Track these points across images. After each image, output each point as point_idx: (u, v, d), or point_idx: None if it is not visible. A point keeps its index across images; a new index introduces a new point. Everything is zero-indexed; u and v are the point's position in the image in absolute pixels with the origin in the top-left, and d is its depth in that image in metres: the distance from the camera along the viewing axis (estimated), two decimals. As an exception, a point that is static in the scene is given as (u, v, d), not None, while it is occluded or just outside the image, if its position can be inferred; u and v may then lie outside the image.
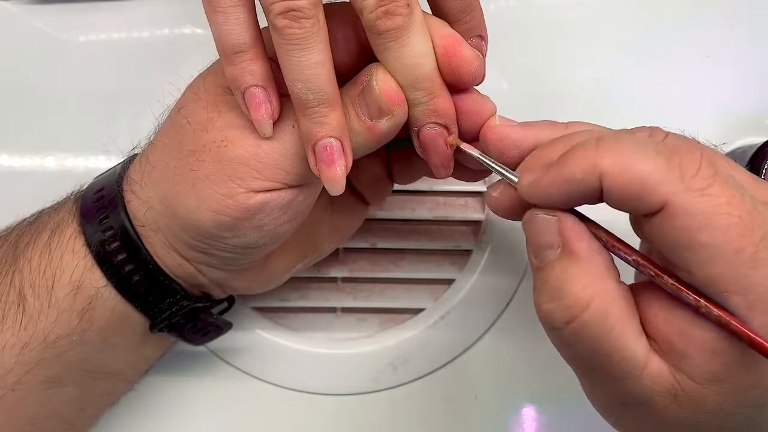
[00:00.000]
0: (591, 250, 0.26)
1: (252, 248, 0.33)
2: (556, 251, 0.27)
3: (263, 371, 0.42)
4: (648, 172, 0.24)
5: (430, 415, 0.42)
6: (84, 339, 0.33)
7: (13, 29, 0.45)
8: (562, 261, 0.26)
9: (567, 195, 0.26)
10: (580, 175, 0.25)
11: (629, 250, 0.27)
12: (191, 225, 0.31)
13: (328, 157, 0.29)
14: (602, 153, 0.25)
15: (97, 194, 0.34)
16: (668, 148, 0.25)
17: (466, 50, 0.30)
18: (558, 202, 0.27)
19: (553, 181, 0.26)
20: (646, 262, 0.26)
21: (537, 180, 0.27)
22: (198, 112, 0.31)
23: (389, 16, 0.28)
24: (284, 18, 0.27)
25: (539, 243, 0.27)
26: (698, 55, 0.43)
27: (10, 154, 0.44)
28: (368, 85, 0.29)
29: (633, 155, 0.24)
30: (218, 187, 0.30)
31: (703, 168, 0.24)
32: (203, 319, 0.37)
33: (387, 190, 0.38)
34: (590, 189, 0.25)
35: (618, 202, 0.25)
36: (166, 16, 0.45)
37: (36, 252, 0.33)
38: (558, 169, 0.26)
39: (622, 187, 0.24)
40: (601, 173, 0.25)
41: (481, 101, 0.31)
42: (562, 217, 0.27)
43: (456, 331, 0.42)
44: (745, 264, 0.23)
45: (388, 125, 0.30)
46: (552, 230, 0.27)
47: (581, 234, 0.27)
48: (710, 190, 0.24)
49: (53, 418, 0.35)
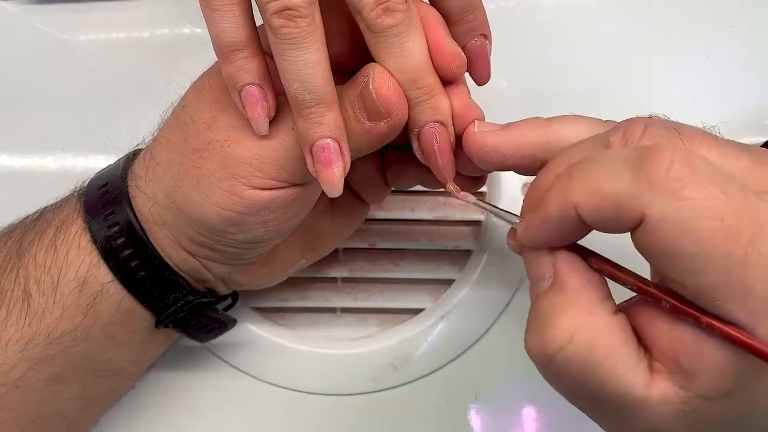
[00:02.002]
0: (581, 282, 0.26)
1: (257, 243, 0.33)
2: (548, 282, 0.26)
3: (263, 371, 0.42)
4: (616, 189, 0.23)
5: (430, 415, 0.42)
6: (88, 335, 0.33)
7: (13, 29, 0.45)
8: (550, 293, 0.26)
9: (555, 234, 0.26)
10: (557, 213, 0.25)
11: (628, 276, 0.26)
12: (197, 220, 0.31)
13: (326, 158, 0.29)
14: (572, 184, 0.24)
15: (101, 190, 0.34)
16: (637, 155, 0.23)
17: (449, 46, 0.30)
18: (553, 242, 0.26)
19: (538, 225, 0.26)
20: (645, 286, 0.25)
21: (526, 227, 0.27)
22: (202, 110, 0.31)
23: (389, 13, 0.27)
24: (280, 17, 0.27)
25: (534, 275, 0.27)
26: (698, 55, 0.43)
27: (10, 154, 0.44)
28: (365, 88, 0.29)
29: (600, 176, 0.24)
30: (222, 184, 0.30)
31: (675, 168, 0.22)
32: (208, 315, 0.37)
33: (383, 190, 0.38)
34: (571, 223, 0.25)
35: (599, 225, 0.24)
36: (166, 16, 0.45)
37: (41, 249, 0.34)
38: (540, 212, 0.26)
39: (596, 211, 0.24)
40: (574, 205, 0.24)
41: (468, 104, 0.31)
42: (556, 251, 0.26)
43: (456, 331, 0.42)
44: (735, 268, 0.22)
45: (387, 127, 0.29)
46: (546, 262, 0.26)
47: (572, 265, 0.26)
48: (684, 193, 0.22)
49: (56, 415, 0.35)
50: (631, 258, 0.25)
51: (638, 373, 0.24)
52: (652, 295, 0.25)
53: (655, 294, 0.25)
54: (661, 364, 0.24)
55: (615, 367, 0.24)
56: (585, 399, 0.26)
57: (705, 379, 0.23)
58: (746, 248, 0.22)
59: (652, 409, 0.24)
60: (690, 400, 0.24)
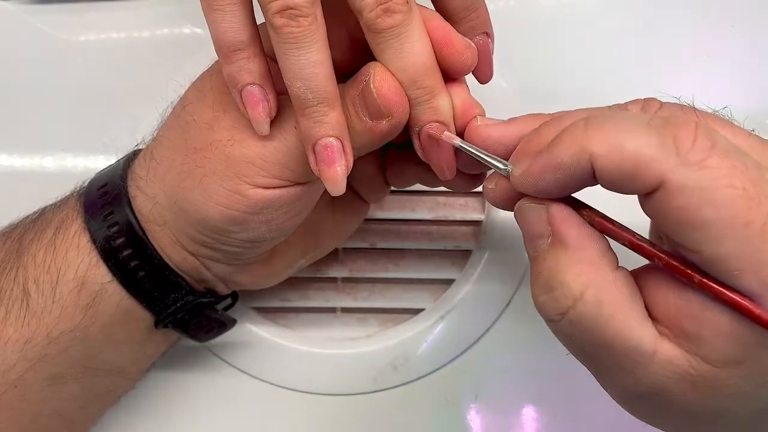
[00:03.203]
0: (582, 237, 0.25)
1: (259, 242, 0.33)
2: (547, 240, 0.26)
3: (263, 371, 0.42)
4: (640, 149, 0.23)
5: (430, 415, 0.42)
6: (87, 335, 0.33)
7: (13, 29, 0.45)
8: (552, 250, 0.26)
9: (559, 182, 0.25)
10: (569, 160, 0.24)
11: (622, 231, 0.25)
12: (199, 220, 0.31)
13: (329, 156, 0.29)
14: (590, 134, 0.24)
15: (100, 190, 0.34)
16: (661, 122, 0.23)
17: (458, 40, 0.29)
18: (552, 191, 0.26)
19: (543, 170, 0.25)
20: (641, 242, 0.25)
21: (527, 170, 0.26)
22: (204, 110, 0.31)
23: (389, 13, 0.27)
24: (282, 17, 0.27)
25: (531, 233, 0.27)
26: (699, 55, 0.43)
27: (10, 154, 0.44)
28: (366, 87, 0.29)
29: (623, 133, 0.23)
30: (225, 183, 0.30)
31: (700, 139, 0.22)
32: (207, 315, 0.37)
33: (383, 189, 0.38)
34: (582, 173, 0.24)
35: (612, 183, 0.24)
36: (166, 16, 0.45)
37: (40, 248, 0.34)
38: (547, 157, 0.25)
39: (614, 167, 0.23)
40: (590, 156, 0.24)
41: (469, 101, 0.31)
42: (550, 205, 0.26)
43: (456, 331, 0.42)
44: (755, 238, 0.22)
45: (388, 126, 0.29)
46: (542, 219, 0.26)
47: (570, 221, 0.26)
48: (708, 162, 0.22)
49: (55, 415, 0.35)
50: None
51: (646, 329, 0.24)
52: (646, 252, 0.25)
53: (649, 250, 0.24)
54: (666, 327, 0.24)
55: (624, 322, 0.24)
56: (593, 356, 0.26)
57: (711, 345, 0.23)
58: (766, 218, 0.22)
59: (659, 367, 0.24)
60: (697, 365, 0.24)
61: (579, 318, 0.25)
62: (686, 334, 0.24)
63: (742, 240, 0.22)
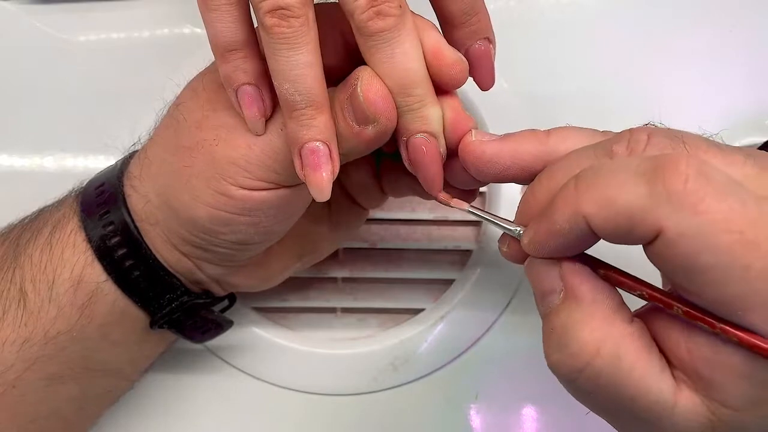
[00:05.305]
0: (595, 292, 0.25)
1: (249, 244, 0.33)
2: (560, 295, 0.26)
3: (263, 371, 0.42)
4: (631, 203, 0.22)
5: (430, 415, 0.42)
6: (84, 335, 0.33)
7: (13, 29, 0.45)
8: (565, 306, 0.25)
9: (565, 245, 0.25)
10: (567, 225, 0.24)
11: (635, 283, 0.25)
12: (187, 219, 0.31)
13: (314, 161, 0.28)
14: (581, 195, 0.24)
15: (97, 189, 0.34)
16: (650, 165, 0.23)
17: (449, 52, 0.29)
18: (561, 253, 0.26)
19: (547, 237, 0.25)
20: (655, 293, 0.25)
21: (533, 238, 0.26)
22: (194, 109, 0.31)
23: (381, 16, 0.27)
24: (272, 16, 0.26)
25: (542, 289, 0.26)
26: (699, 56, 0.43)
27: (10, 154, 0.44)
28: (354, 91, 0.28)
29: (612, 188, 0.23)
30: (211, 183, 0.30)
31: (691, 180, 0.22)
32: (203, 316, 0.37)
33: (380, 197, 0.37)
34: (582, 234, 0.24)
35: (612, 238, 0.24)
36: (166, 16, 0.45)
37: (37, 248, 0.34)
38: (546, 224, 0.25)
39: (609, 224, 0.23)
40: (585, 217, 0.23)
41: (461, 114, 0.30)
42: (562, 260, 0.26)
43: (456, 331, 0.42)
44: (755, 280, 0.21)
45: (375, 132, 0.29)
46: (553, 274, 0.26)
47: (582, 275, 0.25)
48: (703, 206, 0.22)
49: (53, 416, 0.35)
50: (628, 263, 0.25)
51: (665, 381, 0.24)
52: (664, 303, 0.24)
53: (667, 301, 0.24)
54: (682, 373, 0.24)
55: (644, 375, 0.24)
56: (614, 411, 0.25)
57: (726, 389, 0.23)
58: (766, 258, 0.21)
59: (681, 417, 0.24)
60: (717, 410, 0.23)
61: (597, 374, 0.24)
62: (702, 378, 0.23)
63: (743, 283, 0.22)
